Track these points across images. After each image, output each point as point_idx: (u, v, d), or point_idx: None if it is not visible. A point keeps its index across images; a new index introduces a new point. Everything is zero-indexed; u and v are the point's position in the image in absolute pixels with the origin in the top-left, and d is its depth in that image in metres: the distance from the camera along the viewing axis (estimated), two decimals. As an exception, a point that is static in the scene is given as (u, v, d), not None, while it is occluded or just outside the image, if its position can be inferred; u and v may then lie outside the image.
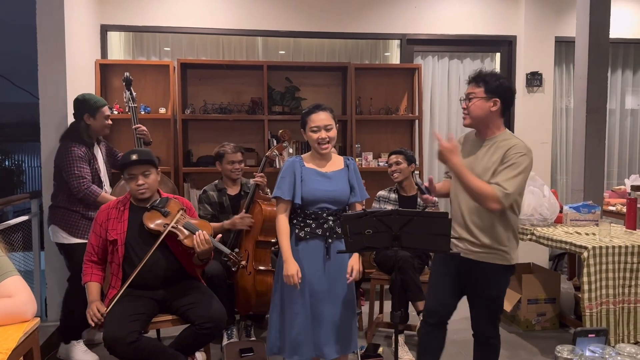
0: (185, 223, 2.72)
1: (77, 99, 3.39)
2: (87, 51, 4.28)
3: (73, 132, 3.33)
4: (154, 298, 2.71)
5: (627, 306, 3.06)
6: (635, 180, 4.81)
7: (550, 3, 5.02)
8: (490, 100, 2.39)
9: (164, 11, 4.66)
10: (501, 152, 2.35)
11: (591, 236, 3.29)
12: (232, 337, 3.45)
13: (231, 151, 3.61)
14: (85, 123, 3.32)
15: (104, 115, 3.39)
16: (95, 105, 3.36)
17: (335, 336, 2.60)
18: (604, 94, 4.10)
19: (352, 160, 2.75)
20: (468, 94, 2.43)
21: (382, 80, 4.95)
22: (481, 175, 2.37)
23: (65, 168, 3.21)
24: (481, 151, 2.43)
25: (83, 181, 3.20)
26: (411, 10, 4.96)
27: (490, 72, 2.44)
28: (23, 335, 1.76)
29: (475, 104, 2.40)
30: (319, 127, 2.56)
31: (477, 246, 2.43)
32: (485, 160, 2.40)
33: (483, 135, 2.47)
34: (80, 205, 3.27)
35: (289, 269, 2.51)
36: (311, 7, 4.83)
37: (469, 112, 2.42)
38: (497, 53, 5.24)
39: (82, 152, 3.25)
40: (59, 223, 3.28)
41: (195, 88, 4.76)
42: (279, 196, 2.57)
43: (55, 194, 3.35)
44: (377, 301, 3.89)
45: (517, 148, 2.33)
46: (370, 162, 4.75)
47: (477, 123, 2.44)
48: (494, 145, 2.40)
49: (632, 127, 5.71)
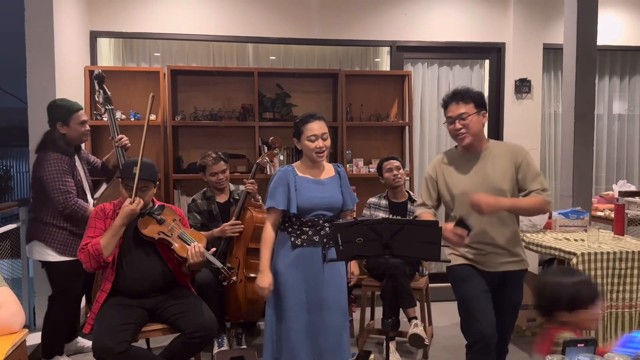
0: (181, 233, 2.72)
1: (49, 106, 3.21)
2: (77, 57, 4.26)
3: (50, 141, 3.14)
4: (143, 307, 2.70)
5: (614, 311, 3.09)
6: (623, 186, 4.87)
7: (538, 11, 5.08)
8: (481, 114, 2.47)
9: (154, 17, 4.65)
10: (506, 160, 2.46)
11: (580, 242, 3.32)
12: (222, 345, 3.43)
13: (212, 163, 3.53)
14: (59, 132, 3.16)
15: (79, 122, 3.20)
16: (67, 112, 3.17)
17: (334, 343, 2.60)
18: (591, 100, 4.15)
19: (342, 168, 2.78)
20: (461, 114, 2.43)
21: (372, 87, 4.97)
22: (500, 185, 2.43)
23: (48, 182, 3.03)
24: (485, 165, 2.48)
25: (69, 196, 3.05)
26: (401, 17, 4.99)
27: (467, 88, 2.51)
28: (11, 347, 1.75)
29: (472, 120, 2.44)
30: (316, 136, 2.57)
31: (505, 256, 2.49)
32: (495, 171, 2.46)
33: (476, 149, 2.50)
34: (67, 221, 3.13)
35: (262, 280, 2.53)
36: (302, 14, 4.84)
37: (468, 130, 2.44)
38: (486, 60, 5.28)
39: (65, 164, 3.09)
40: (45, 240, 3.11)
41: (185, 94, 4.75)
42: (273, 206, 2.57)
43: (38, 207, 3.16)
44: (369, 307, 3.89)
45: (518, 151, 2.48)
46: (361, 168, 4.76)
47: (476, 138, 2.48)
48: (491, 155, 2.49)
49: (620, 132, 5.77)
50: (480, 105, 2.46)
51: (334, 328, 2.60)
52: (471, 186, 2.44)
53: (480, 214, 2.30)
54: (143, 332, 2.68)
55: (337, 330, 2.62)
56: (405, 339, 3.48)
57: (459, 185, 2.50)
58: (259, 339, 3.75)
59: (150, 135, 4.50)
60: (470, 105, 2.44)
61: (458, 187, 2.49)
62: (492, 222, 2.44)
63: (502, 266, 2.49)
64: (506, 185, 2.44)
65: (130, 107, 4.52)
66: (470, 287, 2.49)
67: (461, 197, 2.47)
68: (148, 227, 2.69)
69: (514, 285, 2.55)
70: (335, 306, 2.62)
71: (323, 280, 2.60)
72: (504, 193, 2.42)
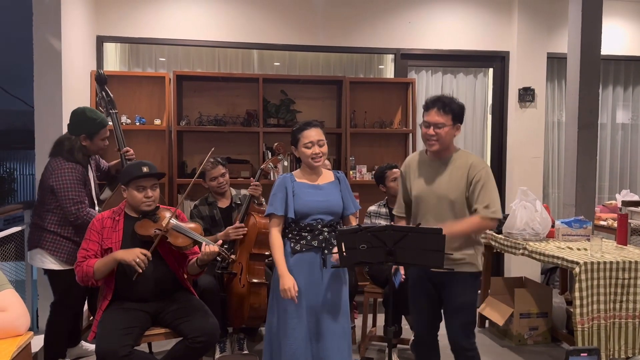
0: (175, 225, 2.72)
1: (77, 114, 3.16)
2: (83, 62, 4.29)
3: (68, 150, 3.11)
4: (146, 311, 2.71)
5: (618, 321, 3.08)
6: (627, 196, 4.86)
7: (542, 20, 5.10)
8: (455, 127, 2.56)
9: (160, 23, 4.68)
10: (462, 172, 2.53)
11: (583, 251, 3.32)
12: (224, 350, 3.43)
13: (210, 167, 3.53)
14: (81, 143, 3.13)
15: (102, 137, 3.19)
16: (96, 127, 3.13)
17: (335, 349, 2.60)
18: (595, 110, 4.16)
19: (342, 173, 2.81)
20: (437, 122, 2.51)
21: (376, 94, 4.99)
22: (448, 194, 2.52)
23: (61, 191, 3.02)
24: (443, 173, 2.57)
25: (82, 207, 3.05)
26: (405, 25, 5.01)
27: (450, 98, 2.57)
28: (16, 350, 1.75)
29: (446, 131, 2.52)
30: (312, 143, 2.61)
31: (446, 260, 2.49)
32: (449, 180, 2.55)
33: (442, 156, 2.60)
34: (70, 230, 3.12)
35: (285, 282, 2.52)
36: (307, 21, 4.87)
37: (438, 139, 2.53)
38: (490, 68, 5.30)
39: (79, 175, 3.07)
40: (48, 249, 3.09)
41: (190, 100, 4.77)
42: (272, 212, 2.60)
43: (43, 214, 3.12)
44: (371, 314, 3.89)
45: (476, 166, 2.53)
46: (365, 175, 4.77)
47: (443, 147, 2.57)
48: (453, 165, 2.57)
49: (623, 142, 5.78)
50: (457, 118, 2.55)
51: (334, 334, 2.60)
52: (424, 190, 2.59)
53: None
54: (145, 336, 2.69)
55: (338, 336, 2.62)
56: (407, 347, 3.48)
57: (415, 188, 2.64)
58: (260, 344, 3.75)
59: (154, 139, 4.59)
60: (449, 116, 2.52)
61: (415, 189, 2.63)
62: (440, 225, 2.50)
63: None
64: (453, 196, 2.53)
65: (135, 112, 4.55)
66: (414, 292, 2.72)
67: (416, 200, 2.62)
68: (144, 227, 2.72)
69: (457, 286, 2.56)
70: (336, 311, 2.62)
71: (323, 285, 2.60)
72: (452, 202, 2.53)
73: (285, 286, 2.51)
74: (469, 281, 2.57)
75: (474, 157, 2.61)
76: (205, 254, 2.64)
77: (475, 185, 2.50)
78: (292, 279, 2.53)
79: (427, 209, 2.57)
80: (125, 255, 2.58)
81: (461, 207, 2.54)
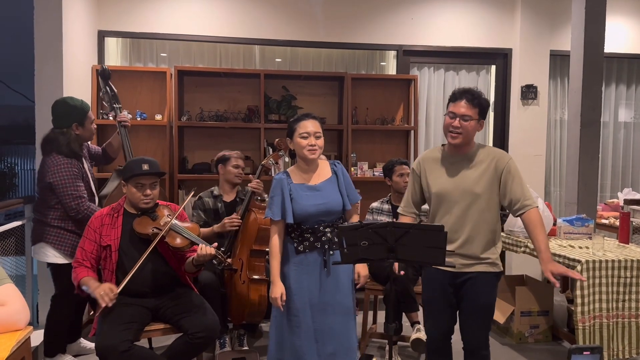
0: (173, 225, 2.72)
1: (59, 105, 3.14)
2: (84, 57, 4.28)
3: (63, 145, 3.08)
4: (146, 306, 2.70)
5: (621, 321, 3.07)
6: (629, 194, 4.85)
7: (545, 17, 5.08)
8: (480, 122, 2.49)
9: (162, 18, 4.67)
10: (486, 164, 2.47)
11: (584, 250, 3.31)
12: (224, 346, 3.43)
13: (237, 155, 3.65)
14: (75, 133, 3.13)
15: (91, 121, 3.21)
16: (83, 112, 3.14)
17: (341, 346, 2.60)
18: (598, 108, 4.14)
19: (339, 165, 2.72)
20: (464, 114, 2.44)
21: (378, 91, 4.97)
22: (475, 189, 2.46)
23: (60, 187, 3.03)
24: (466, 168, 2.51)
25: (82, 201, 3.06)
26: (408, 21, 5.00)
27: (479, 92, 2.50)
28: (16, 344, 1.75)
29: (470, 125, 2.45)
30: (308, 134, 2.55)
31: (470, 259, 2.47)
32: (473, 175, 2.49)
33: (462, 151, 2.52)
34: (74, 224, 3.12)
35: (274, 291, 2.53)
36: (309, 17, 4.85)
37: (462, 132, 2.44)
38: (493, 65, 5.28)
39: (76, 169, 3.09)
40: (52, 242, 3.11)
41: (191, 95, 4.76)
42: (270, 217, 2.58)
43: (45, 210, 3.14)
44: (371, 311, 3.88)
45: (501, 157, 2.49)
46: (366, 171, 4.76)
47: (465, 141, 2.49)
48: (474, 159, 2.51)
49: (626, 140, 5.77)
50: (483, 114, 2.49)
51: (340, 331, 2.60)
52: (447, 187, 2.50)
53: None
54: (145, 331, 2.68)
55: (344, 333, 2.61)
56: (408, 344, 3.47)
57: (437, 184, 2.54)
58: (261, 341, 3.75)
59: (156, 135, 4.59)
60: (476, 110, 2.45)
61: (436, 186, 2.54)
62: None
63: (466, 267, 2.51)
64: (479, 189, 2.46)
65: (136, 107, 4.54)
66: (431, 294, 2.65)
67: (437, 196, 2.53)
68: (142, 225, 2.71)
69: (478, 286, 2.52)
70: (341, 309, 2.61)
71: (327, 284, 2.58)
72: (478, 197, 2.46)
73: (274, 295, 2.52)
74: (492, 281, 2.53)
75: (494, 149, 2.56)
76: (200, 255, 2.63)
77: (506, 176, 2.45)
78: (281, 287, 2.53)
79: (450, 205, 2.49)
80: (95, 287, 2.56)
81: (486, 201, 2.47)
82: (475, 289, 2.50)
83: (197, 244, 2.69)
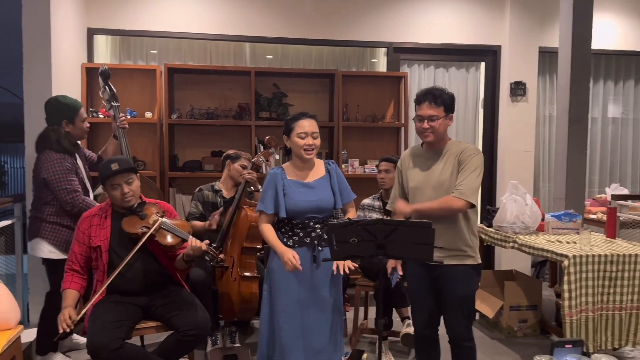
0: (162, 222, 2.72)
1: (51, 104, 3.19)
2: (74, 54, 4.25)
3: (54, 141, 3.13)
4: (137, 304, 2.71)
5: (605, 313, 3.12)
6: (616, 189, 4.91)
7: (534, 14, 5.11)
8: (448, 117, 2.60)
9: (152, 15, 4.65)
10: (454, 158, 2.58)
11: (572, 245, 3.35)
12: (216, 343, 3.44)
13: (246, 157, 3.72)
14: (65, 130, 3.17)
15: (82, 119, 3.24)
16: (73, 109, 3.19)
17: (327, 342, 2.62)
18: (586, 104, 4.18)
19: (333, 164, 2.75)
20: (431, 115, 2.55)
21: (369, 88, 4.99)
22: (442, 180, 2.57)
23: (54, 183, 3.05)
24: (439, 163, 2.62)
25: (76, 195, 3.08)
26: (398, 19, 5.01)
27: (440, 90, 2.61)
28: (6, 343, 1.75)
29: (439, 123, 2.57)
30: (306, 134, 2.58)
31: (445, 251, 2.51)
32: (444, 169, 2.59)
33: (437, 147, 2.64)
34: (70, 219, 3.13)
35: (285, 255, 2.50)
36: (299, 14, 4.85)
37: (433, 131, 2.57)
38: (482, 62, 5.31)
39: (68, 163, 3.11)
40: (48, 238, 3.12)
41: (182, 93, 4.75)
42: (263, 210, 2.60)
43: (41, 206, 3.16)
44: (362, 307, 3.91)
45: (466, 150, 2.58)
46: (357, 168, 4.78)
47: (438, 138, 2.61)
48: (447, 154, 2.61)
49: (614, 136, 5.82)
50: (449, 109, 2.59)
51: (327, 327, 2.62)
52: (420, 181, 2.63)
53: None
54: (137, 329, 2.68)
55: (331, 329, 2.63)
56: (398, 339, 3.50)
57: (413, 179, 2.67)
58: (252, 337, 3.76)
59: (146, 133, 4.58)
60: (441, 108, 2.56)
61: (412, 181, 2.67)
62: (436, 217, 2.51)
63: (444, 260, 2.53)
64: (444, 178, 2.57)
65: (126, 105, 4.52)
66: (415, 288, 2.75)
67: (413, 191, 2.66)
68: (130, 224, 2.71)
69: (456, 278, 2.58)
70: (328, 305, 2.63)
71: (316, 279, 2.61)
72: (447, 191, 2.55)
73: (286, 258, 2.50)
74: (468, 273, 2.59)
75: (465, 144, 2.64)
76: (192, 248, 2.64)
77: (462, 168, 2.55)
78: (290, 250, 2.53)
79: (422, 199, 2.59)
80: (63, 307, 2.56)
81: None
82: (451, 281, 2.57)
83: (187, 241, 2.69)
